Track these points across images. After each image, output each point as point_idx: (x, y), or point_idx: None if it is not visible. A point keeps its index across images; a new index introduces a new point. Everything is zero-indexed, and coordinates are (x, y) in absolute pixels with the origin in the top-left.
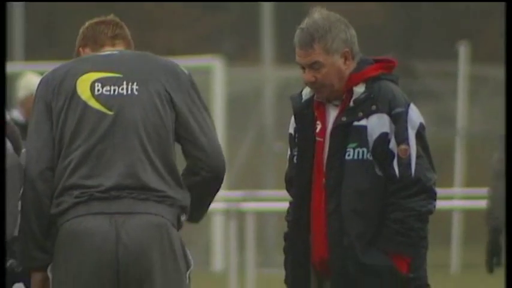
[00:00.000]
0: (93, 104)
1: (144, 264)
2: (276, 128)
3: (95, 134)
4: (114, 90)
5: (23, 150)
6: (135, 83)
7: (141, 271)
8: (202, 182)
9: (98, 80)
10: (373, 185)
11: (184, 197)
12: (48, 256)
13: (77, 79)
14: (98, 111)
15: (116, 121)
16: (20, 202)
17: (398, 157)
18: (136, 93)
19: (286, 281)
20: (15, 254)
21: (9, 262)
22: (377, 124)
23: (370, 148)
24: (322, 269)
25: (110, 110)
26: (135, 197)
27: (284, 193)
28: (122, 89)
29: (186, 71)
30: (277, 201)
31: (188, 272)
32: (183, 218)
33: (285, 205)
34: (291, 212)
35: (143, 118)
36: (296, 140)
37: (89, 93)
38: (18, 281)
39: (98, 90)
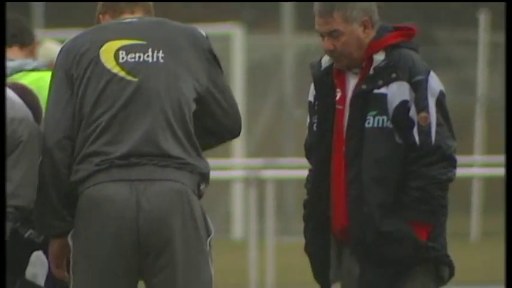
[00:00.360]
0: (118, 71)
1: (165, 231)
2: (296, 95)
3: (119, 101)
4: (139, 57)
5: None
6: (160, 51)
7: (161, 238)
8: (220, 141)
9: (122, 48)
10: (393, 153)
11: (204, 165)
12: (65, 224)
13: (100, 48)
14: (122, 78)
15: (140, 88)
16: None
17: (419, 125)
18: (162, 61)
19: (306, 249)
20: (32, 224)
21: (29, 232)
22: (397, 92)
23: (390, 116)
24: (342, 237)
25: (135, 77)
26: (155, 163)
27: (304, 161)
28: (148, 56)
29: (204, 34)
30: (297, 169)
31: (209, 239)
32: (203, 186)
33: (304, 173)
34: (310, 179)
35: (167, 87)
36: (316, 107)
37: (113, 61)
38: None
39: (123, 58)
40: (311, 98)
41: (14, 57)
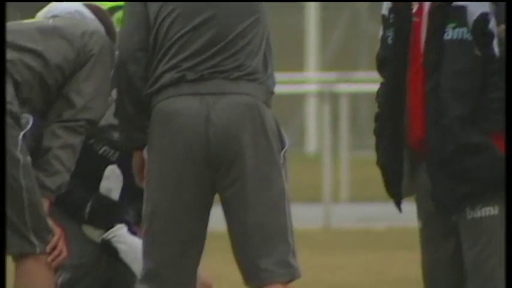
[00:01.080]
0: None
1: (235, 144)
2: (370, 8)
3: (198, 16)
4: None
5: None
6: None
7: (231, 151)
8: None
9: None
10: (472, 65)
11: (271, 82)
12: (146, 136)
13: None
14: None
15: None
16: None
17: (499, 37)
18: None
19: (378, 162)
20: (106, 140)
21: (103, 149)
22: (477, 4)
23: (470, 28)
24: (418, 149)
25: None
26: (226, 77)
27: (378, 74)
28: None
29: None
30: (371, 83)
31: (283, 152)
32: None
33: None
34: (384, 93)
35: None
36: (390, 20)
37: None
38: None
39: None
40: (385, 11)
41: None
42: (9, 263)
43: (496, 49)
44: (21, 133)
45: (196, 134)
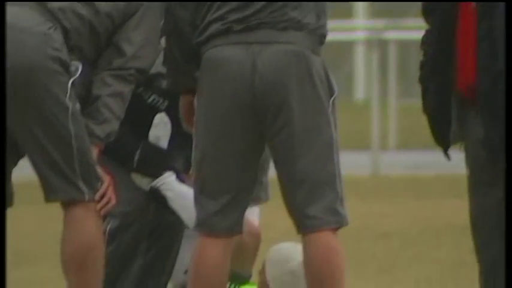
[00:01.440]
0: None
1: (281, 91)
2: None
3: None
4: None
5: None
6: None
7: (277, 98)
8: None
9: None
10: None
11: (323, 25)
12: (192, 81)
13: None
14: None
15: None
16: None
17: None
18: None
19: (424, 110)
20: (155, 89)
21: (152, 98)
22: None
23: None
24: (468, 95)
25: None
26: (273, 26)
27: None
28: None
29: None
30: (420, 30)
31: (332, 99)
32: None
33: None
34: (428, 40)
35: None
36: None
37: None
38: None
39: None
40: None
41: None
42: (54, 210)
43: None
44: (71, 80)
45: (242, 81)
